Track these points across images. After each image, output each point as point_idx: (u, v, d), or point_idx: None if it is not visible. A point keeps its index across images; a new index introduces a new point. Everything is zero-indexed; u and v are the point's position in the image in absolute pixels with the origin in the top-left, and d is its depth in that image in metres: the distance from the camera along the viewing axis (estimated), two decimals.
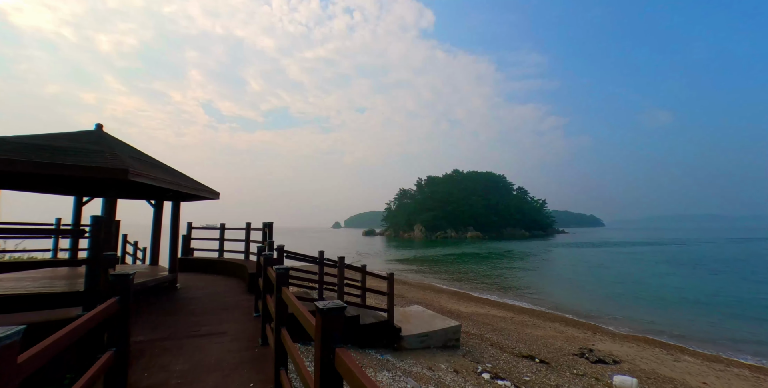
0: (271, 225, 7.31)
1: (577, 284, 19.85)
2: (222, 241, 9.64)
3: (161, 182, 5.41)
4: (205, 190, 6.98)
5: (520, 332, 9.52)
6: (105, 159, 4.95)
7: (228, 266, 8.76)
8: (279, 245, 5.31)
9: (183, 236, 9.76)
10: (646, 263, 31.16)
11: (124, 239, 9.72)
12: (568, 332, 10.05)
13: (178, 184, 5.92)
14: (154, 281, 6.21)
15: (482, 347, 7.63)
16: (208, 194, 7.15)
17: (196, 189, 6.61)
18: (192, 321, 4.66)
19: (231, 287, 7.23)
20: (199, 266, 9.24)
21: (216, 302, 5.78)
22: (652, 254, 40.26)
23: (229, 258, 9.57)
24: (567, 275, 23.34)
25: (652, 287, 18.98)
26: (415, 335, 6.72)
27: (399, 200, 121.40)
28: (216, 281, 7.81)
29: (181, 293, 6.56)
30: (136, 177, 4.87)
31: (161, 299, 6.02)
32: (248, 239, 9.17)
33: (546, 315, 12.52)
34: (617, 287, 19.01)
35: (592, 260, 34.09)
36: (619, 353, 8.28)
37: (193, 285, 7.30)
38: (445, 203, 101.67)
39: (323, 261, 7.12)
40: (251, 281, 6.77)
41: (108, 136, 6.43)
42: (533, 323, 11.04)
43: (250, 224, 9.28)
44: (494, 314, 12.05)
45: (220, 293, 6.61)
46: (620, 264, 29.66)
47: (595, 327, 11.08)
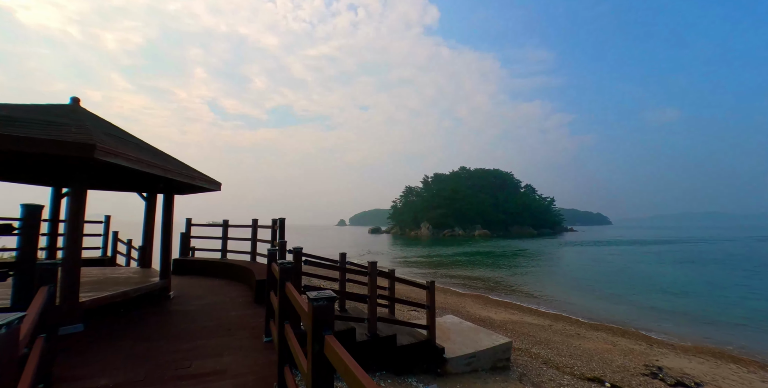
0: (283, 222, 6.07)
1: (605, 285, 18.42)
2: (225, 240, 8.44)
3: (143, 165, 4.17)
4: (203, 178, 5.76)
5: (568, 345, 8.20)
6: (69, 133, 3.73)
7: (232, 269, 7.56)
8: (296, 248, 4.06)
9: (181, 234, 8.59)
10: (671, 263, 29.51)
11: (115, 236, 8.57)
12: (620, 344, 8.71)
13: (167, 169, 4.69)
14: (139, 290, 5.00)
15: (536, 367, 6.34)
16: (207, 183, 5.93)
17: (191, 177, 5.38)
18: (180, 351, 3.42)
19: (234, 295, 6.01)
20: (198, 268, 8.06)
21: (215, 319, 4.55)
22: (674, 253, 38.48)
23: (233, 259, 8.38)
24: (592, 277, 21.90)
25: (688, 288, 17.49)
26: (461, 356, 5.44)
27: (405, 198, 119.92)
28: (217, 288, 6.61)
29: (173, 304, 5.35)
30: (107, 156, 3.64)
31: (146, 313, 4.81)
32: (255, 238, 7.95)
33: (585, 323, 11.18)
34: (650, 289, 17.55)
35: (611, 259, 32.48)
36: (694, 372, 6.94)
37: (189, 293, 6.10)
38: (453, 201, 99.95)
39: (345, 265, 5.87)
40: (259, 290, 5.55)
41: (83, 111, 5.23)
42: (576, 332, 9.71)
43: (257, 220, 8.07)
44: (529, 321, 10.74)
45: (221, 304, 5.39)
46: (645, 265, 28.03)
47: (647, 337, 9.72)
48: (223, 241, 8.42)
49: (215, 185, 6.17)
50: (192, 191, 7.20)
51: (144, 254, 6.88)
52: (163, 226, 5.76)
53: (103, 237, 8.40)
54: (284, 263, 2.72)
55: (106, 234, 8.44)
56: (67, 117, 4.36)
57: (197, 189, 6.78)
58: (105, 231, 8.42)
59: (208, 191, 6.75)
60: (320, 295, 1.55)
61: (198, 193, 7.17)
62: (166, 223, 5.73)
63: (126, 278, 5.75)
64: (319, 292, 1.59)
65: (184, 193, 7.47)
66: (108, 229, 8.47)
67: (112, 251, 8.44)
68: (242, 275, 7.16)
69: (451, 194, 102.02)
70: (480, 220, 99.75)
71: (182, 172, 5.08)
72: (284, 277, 2.66)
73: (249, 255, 7.98)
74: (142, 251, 7.14)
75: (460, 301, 13.41)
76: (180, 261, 8.15)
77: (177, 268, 8.08)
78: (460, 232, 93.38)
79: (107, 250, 8.43)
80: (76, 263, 4.13)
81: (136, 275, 6.10)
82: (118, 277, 5.83)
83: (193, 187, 6.35)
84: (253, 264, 7.48)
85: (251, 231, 7.98)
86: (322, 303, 1.54)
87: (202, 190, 6.77)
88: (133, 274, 6.17)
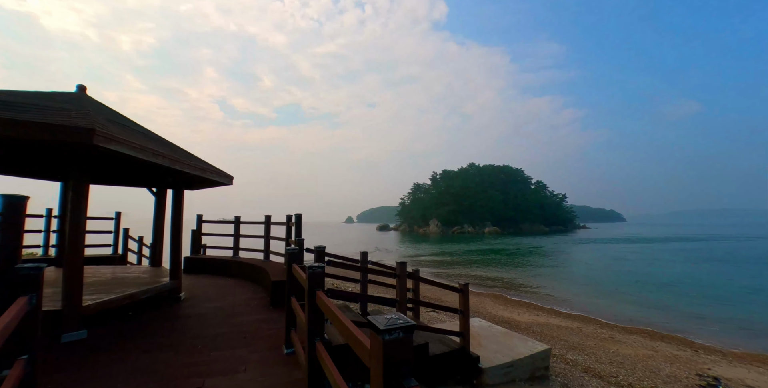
0: (299, 219, 5.61)
1: (630, 286, 17.58)
2: (237, 237, 8.05)
3: (148, 154, 3.74)
4: (214, 171, 5.33)
5: (606, 350, 7.58)
6: (67, 117, 3.31)
7: (245, 268, 7.16)
8: (318, 247, 3.58)
9: (192, 231, 8.24)
10: (697, 261, 28.27)
11: (126, 234, 8.27)
12: (662, 350, 8.04)
13: (176, 160, 4.26)
14: (148, 292, 4.61)
15: (577, 377, 5.77)
16: (218, 177, 5.49)
17: (202, 169, 4.95)
18: (191, 364, 2.98)
19: (248, 297, 5.59)
20: (210, 267, 7.69)
21: (229, 325, 4.12)
22: (698, 251, 37.00)
23: (246, 258, 7.99)
24: (614, 276, 21.02)
25: (723, 290, 16.54)
26: (498, 366, 4.91)
27: (413, 195, 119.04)
28: (230, 288, 6.21)
29: (183, 306, 4.95)
30: (109, 143, 3.22)
31: (155, 317, 4.42)
32: (268, 235, 7.53)
33: (616, 326, 10.49)
34: (681, 290, 16.65)
35: (632, 257, 31.34)
36: (759, 384, 6.25)
37: (200, 294, 5.70)
38: (462, 198, 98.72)
39: (367, 266, 5.39)
40: (275, 292, 5.11)
41: (88, 98, 4.84)
42: (610, 336, 9.06)
43: (270, 217, 7.65)
44: (555, 323, 10.12)
45: (234, 307, 4.97)
46: (670, 264, 26.87)
47: (690, 342, 9.01)
48: (234, 238, 8.03)
49: (227, 179, 5.74)
50: (203, 186, 6.80)
51: (155, 252, 6.53)
52: (173, 223, 5.35)
53: (113, 234, 8.10)
54: (314, 266, 2.24)
55: (116, 231, 8.15)
56: (69, 103, 3.95)
57: (208, 183, 6.38)
58: (116, 228, 8.12)
59: (220, 185, 6.33)
60: (393, 324, 1.02)
61: (209, 187, 6.77)
62: (176, 220, 5.33)
63: (135, 277, 5.39)
64: (389, 317, 1.07)
65: (194, 188, 7.09)
66: (119, 226, 8.17)
67: (123, 248, 8.15)
68: (256, 274, 6.75)
69: (461, 190, 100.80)
70: (490, 217, 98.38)
71: (192, 164, 4.65)
72: (314, 284, 2.19)
73: (262, 253, 7.57)
74: (153, 249, 6.79)
75: (479, 301, 12.84)
76: (191, 259, 7.80)
77: (188, 266, 7.73)
78: (470, 229, 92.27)
79: (118, 247, 8.14)
80: (79, 264, 3.74)
81: (146, 274, 5.73)
82: (127, 276, 5.47)
83: (204, 181, 5.94)
84: (267, 263, 7.06)
85: (264, 228, 7.56)
86: (397, 336, 0.99)
87: (213, 185, 6.36)
88: (143, 273, 5.81)
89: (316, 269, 2.23)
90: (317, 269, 2.24)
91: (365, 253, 5.67)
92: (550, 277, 20.36)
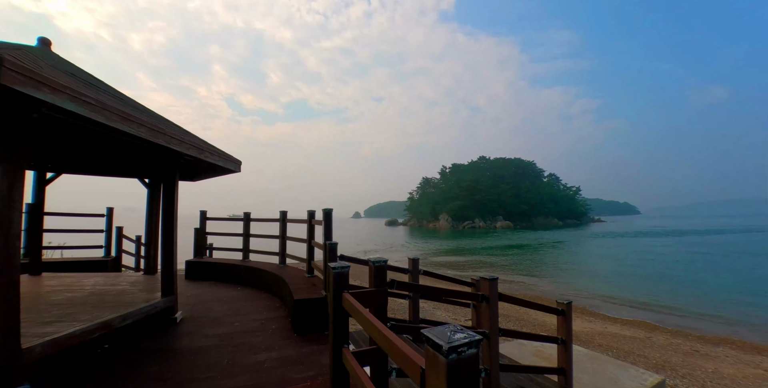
0: (329, 216, 4.26)
1: (679, 285, 15.95)
2: (247, 237, 6.80)
3: (111, 117, 2.43)
4: (215, 152, 4.02)
5: (703, 370, 6.14)
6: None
7: (257, 275, 5.90)
8: (377, 261, 2.23)
9: (195, 230, 7.02)
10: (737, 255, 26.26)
11: (120, 233, 7.09)
12: None
13: (158, 131, 2.95)
14: (130, 316, 3.35)
15: None
16: (221, 160, 4.19)
17: (198, 148, 3.65)
18: None
19: (264, 317, 4.31)
20: (216, 272, 6.47)
21: (240, 369, 2.83)
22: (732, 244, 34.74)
23: (258, 262, 6.75)
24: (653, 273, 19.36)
25: None
26: None
27: (422, 189, 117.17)
28: (240, 302, 4.94)
29: (179, 333, 3.70)
30: (30, 86, 1.90)
31: (138, 354, 3.16)
32: (284, 236, 6.25)
33: (692, 335, 9.00)
34: (743, 288, 14.96)
35: (663, 251, 29.42)
36: None
37: (203, 312, 4.45)
38: (473, 192, 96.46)
39: (418, 271, 4.05)
40: (298, 313, 3.81)
41: (49, 52, 3.58)
42: (693, 348, 7.60)
43: (286, 213, 6.36)
44: (617, 332, 8.68)
45: (246, 334, 3.69)
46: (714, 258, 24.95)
47: None
48: (244, 239, 6.78)
49: (232, 164, 4.43)
50: (206, 175, 5.53)
51: (149, 257, 5.31)
52: (164, 222, 4.07)
53: (105, 234, 6.93)
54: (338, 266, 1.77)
55: (108, 230, 6.97)
56: (13, 48, 2.66)
57: (211, 171, 5.09)
58: (107, 227, 6.95)
59: (225, 173, 5.05)
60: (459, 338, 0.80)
61: (213, 176, 5.49)
62: (168, 217, 4.04)
63: (118, 293, 4.15)
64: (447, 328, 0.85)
65: (196, 178, 5.83)
66: (111, 224, 6.99)
67: (117, 250, 6.98)
68: (271, 284, 5.48)
69: (471, 184, 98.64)
70: (501, 211, 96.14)
71: (183, 139, 3.33)
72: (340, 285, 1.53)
73: (277, 257, 6.30)
74: (147, 254, 5.58)
75: None
76: (194, 263, 6.59)
77: (190, 271, 6.53)
78: (481, 224, 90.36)
79: (111, 249, 6.98)
80: (11, 283, 2.48)
81: (135, 287, 4.50)
82: (109, 291, 4.24)
83: (205, 166, 4.65)
84: (284, 269, 5.79)
85: (279, 227, 6.28)
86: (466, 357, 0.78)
87: (216, 172, 5.07)
88: (132, 285, 4.58)
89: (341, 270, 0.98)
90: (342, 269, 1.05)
91: (415, 260, 4.32)
92: (585, 274, 18.80)
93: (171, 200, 4.03)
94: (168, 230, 4.00)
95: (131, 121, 2.66)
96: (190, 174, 5.72)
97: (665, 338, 8.39)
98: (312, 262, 5.17)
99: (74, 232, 6.71)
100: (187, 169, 5.20)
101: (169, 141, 3.14)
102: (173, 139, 3.10)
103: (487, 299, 2.84)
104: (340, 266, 2.20)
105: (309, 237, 5.20)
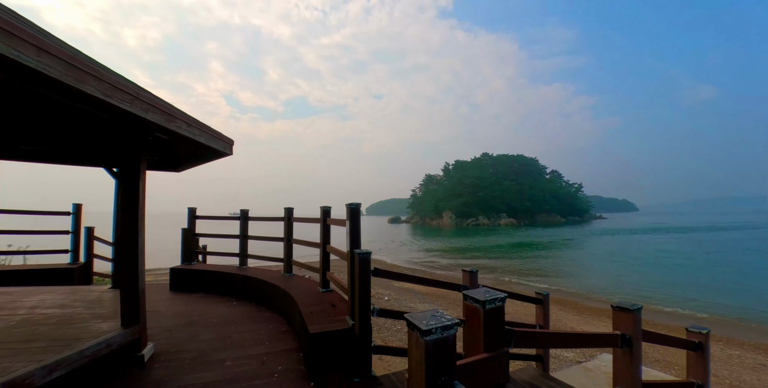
0: (357, 213, 3.07)
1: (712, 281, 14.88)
2: (245, 239, 5.66)
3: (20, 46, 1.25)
4: (194, 124, 2.85)
5: None
6: None
7: (257, 287, 4.77)
8: (494, 294, 1.06)
9: (183, 231, 5.89)
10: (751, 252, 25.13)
11: (90, 234, 5.93)
12: None
13: (111, 85, 1.78)
14: (66, 363, 2.21)
15: None
16: (204, 136, 3.02)
17: (169, 115, 2.48)
18: None
19: (266, 350, 3.16)
20: (207, 282, 5.34)
21: None
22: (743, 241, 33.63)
23: (258, 267, 5.61)
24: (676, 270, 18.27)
25: None
26: None
27: (425, 186, 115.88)
28: (234, 326, 3.80)
29: (144, 383, 2.56)
30: None
31: None
32: (290, 239, 5.11)
33: (746, 343, 7.89)
34: None
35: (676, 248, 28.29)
36: None
37: (184, 341, 3.31)
38: (476, 189, 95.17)
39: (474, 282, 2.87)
40: (314, 349, 2.68)
41: None
42: (757, 362, 6.51)
43: (292, 211, 5.20)
44: None
45: (244, 382, 2.55)
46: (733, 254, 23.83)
47: None
48: (241, 241, 5.64)
49: (220, 142, 3.26)
50: (189, 162, 4.37)
51: (119, 266, 4.16)
52: (123, 225, 2.89)
53: (72, 236, 5.79)
54: None
55: (76, 231, 5.83)
56: None
57: (193, 155, 3.93)
58: (74, 227, 5.80)
59: (213, 158, 3.87)
60: None
61: (198, 163, 4.33)
62: (128, 219, 2.85)
63: (64, 320, 3.02)
64: None
65: (179, 167, 4.68)
66: (78, 224, 5.85)
67: (86, 255, 5.83)
68: (275, 299, 4.35)
69: (475, 181, 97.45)
70: (505, 208, 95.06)
71: (139, 96, 2.16)
72: None
73: (282, 264, 5.15)
74: (114, 262, 4.44)
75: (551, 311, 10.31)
76: (180, 272, 5.44)
77: (176, 281, 5.39)
78: (485, 221, 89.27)
79: (79, 254, 5.84)
80: None
81: (92, 308, 3.37)
82: (50, 317, 3.10)
83: (183, 148, 3.49)
84: (290, 281, 4.65)
85: (284, 227, 5.13)
86: None
87: (202, 157, 3.91)
88: (88, 307, 3.45)
89: None
90: None
91: (473, 272, 3.18)
92: (604, 274, 17.68)
93: (134, 193, 2.86)
94: (130, 235, 2.83)
95: (45, 64, 1.49)
96: (172, 162, 4.57)
97: (719, 348, 7.30)
98: (327, 273, 4.03)
99: (30, 234, 5.59)
100: (164, 153, 4.03)
101: (121, 100, 1.97)
102: (116, 91, 1.93)
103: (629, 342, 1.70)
104: None
105: (323, 241, 4.04)
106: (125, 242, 2.85)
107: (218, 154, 3.57)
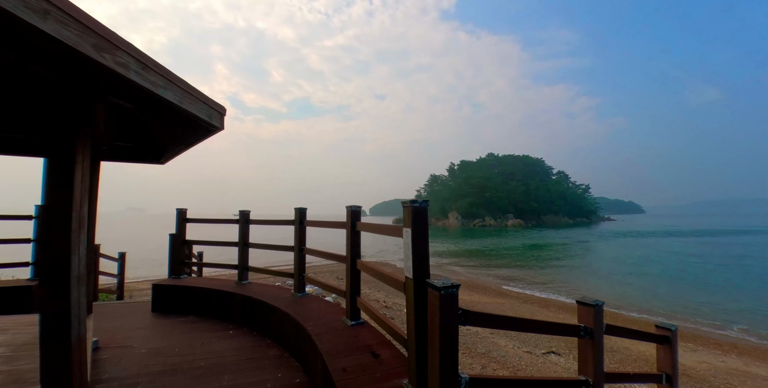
0: (424, 212, 1.97)
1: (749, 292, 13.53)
2: (245, 248, 4.56)
3: None
4: (165, 74, 1.73)
5: None
6: None
7: (261, 312, 3.65)
8: None
9: (171, 237, 4.82)
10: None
11: None
12: None
13: None
14: None
15: None
16: (188, 100, 1.90)
17: (104, 41, 1.36)
18: None
19: None
20: (198, 302, 4.23)
21: None
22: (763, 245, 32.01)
23: (261, 285, 4.51)
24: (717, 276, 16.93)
25: None
26: None
27: (430, 187, 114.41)
28: (229, 374, 2.68)
29: None
30: None
31: None
32: (302, 244, 3.99)
33: None
34: None
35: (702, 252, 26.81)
36: None
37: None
38: (483, 189, 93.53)
39: None
40: None
41: None
42: None
43: (305, 212, 4.09)
44: (742, 368, 6.35)
45: None
46: None
47: None
48: (241, 250, 4.53)
49: (205, 109, 2.13)
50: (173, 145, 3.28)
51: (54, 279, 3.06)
52: (43, 237, 1.79)
53: (34, 245, 4.72)
54: None
55: (41, 239, 4.75)
56: None
57: (172, 133, 2.85)
58: (38, 234, 4.74)
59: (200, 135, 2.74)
60: None
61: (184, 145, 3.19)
62: (58, 225, 1.76)
63: None
64: None
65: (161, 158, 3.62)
66: None
67: None
68: (284, 331, 3.23)
69: (481, 181, 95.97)
70: (511, 209, 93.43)
71: (90, 27, 1.06)
72: None
73: (291, 280, 4.04)
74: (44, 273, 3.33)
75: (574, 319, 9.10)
76: (165, 289, 4.34)
77: (160, 300, 4.30)
78: (492, 222, 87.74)
79: None
80: None
81: (13, 363, 2.28)
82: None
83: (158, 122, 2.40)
84: (303, 305, 3.52)
85: (295, 234, 4.02)
86: None
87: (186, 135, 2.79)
88: (10, 358, 2.36)
89: None
90: None
91: (597, 305, 2.05)
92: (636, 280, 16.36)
93: (66, 184, 1.75)
94: (57, 255, 1.73)
95: None
96: (151, 149, 3.49)
97: None
98: (358, 299, 2.89)
99: None
100: (138, 137, 2.95)
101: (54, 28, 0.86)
102: None
103: None
104: None
105: (351, 253, 2.91)
106: (50, 264, 1.74)
107: (204, 130, 2.46)
